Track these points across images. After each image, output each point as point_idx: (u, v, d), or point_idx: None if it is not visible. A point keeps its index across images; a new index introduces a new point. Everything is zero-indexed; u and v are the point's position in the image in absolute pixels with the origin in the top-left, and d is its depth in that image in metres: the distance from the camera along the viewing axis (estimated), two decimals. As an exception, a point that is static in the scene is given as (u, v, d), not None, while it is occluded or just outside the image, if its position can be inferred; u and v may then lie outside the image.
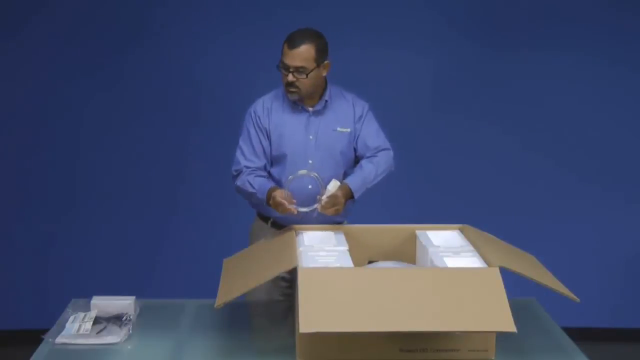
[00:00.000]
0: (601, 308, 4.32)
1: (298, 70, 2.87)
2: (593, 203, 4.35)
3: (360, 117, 3.05)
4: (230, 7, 4.18)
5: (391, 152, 3.09)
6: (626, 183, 4.37)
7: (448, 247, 2.61)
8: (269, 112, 3.00)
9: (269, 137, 2.99)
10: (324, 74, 2.96)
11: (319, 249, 2.57)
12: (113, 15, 4.15)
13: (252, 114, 3.01)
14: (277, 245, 2.68)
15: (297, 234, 2.75)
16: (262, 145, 2.99)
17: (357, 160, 3.09)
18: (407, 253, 2.78)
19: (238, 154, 3.00)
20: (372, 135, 3.06)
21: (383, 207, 3.91)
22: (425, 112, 4.29)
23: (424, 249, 2.62)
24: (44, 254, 4.29)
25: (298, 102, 2.98)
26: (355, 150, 3.07)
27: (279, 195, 2.79)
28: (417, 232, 2.77)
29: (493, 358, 2.34)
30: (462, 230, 2.79)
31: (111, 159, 4.27)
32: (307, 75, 2.87)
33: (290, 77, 2.88)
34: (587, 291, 2.83)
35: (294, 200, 2.80)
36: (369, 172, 2.99)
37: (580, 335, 2.70)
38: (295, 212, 2.77)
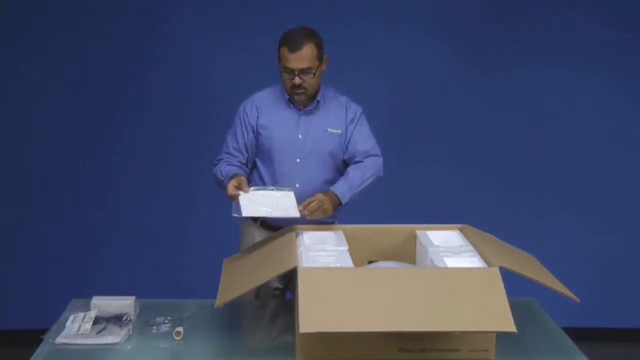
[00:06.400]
0: (601, 308, 4.32)
1: (304, 71, 2.87)
2: (593, 203, 4.36)
3: (353, 120, 3.04)
4: (230, 8, 4.19)
5: (380, 159, 3.06)
6: (626, 183, 4.37)
7: (448, 247, 2.61)
8: (258, 109, 3.02)
9: (255, 134, 3.01)
10: (324, 69, 2.97)
11: (319, 249, 2.57)
12: (119, 17, 4.16)
13: (241, 110, 3.06)
14: (277, 245, 2.68)
15: (297, 234, 2.75)
16: (245, 142, 3.02)
17: (345, 164, 3.07)
18: (407, 253, 2.78)
19: (224, 145, 3.08)
20: (363, 139, 3.04)
21: (382, 207, 3.90)
22: (425, 112, 4.29)
23: (424, 249, 2.62)
24: (44, 254, 4.30)
25: (298, 102, 2.98)
26: (344, 152, 3.04)
27: (231, 183, 2.81)
28: (417, 232, 2.77)
29: (493, 358, 2.34)
30: (462, 230, 2.78)
31: (111, 160, 4.27)
32: (314, 74, 2.89)
33: (297, 80, 2.88)
34: (586, 291, 2.83)
35: (245, 189, 2.79)
36: (354, 177, 2.97)
37: (580, 335, 2.70)
38: (237, 196, 2.76)
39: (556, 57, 4.26)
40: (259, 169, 3.05)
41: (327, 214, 2.85)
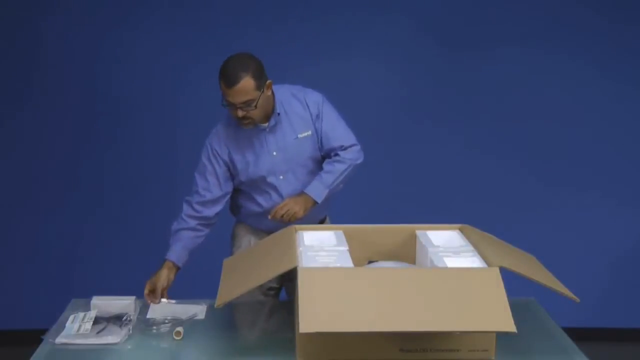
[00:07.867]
0: (601, 308, 4.32)
1: (245, 104, 2.76)
2: (593, 203, 4.35)
3: (318, 115, 2.96)
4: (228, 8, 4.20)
5: (356, 147, 3.01)
6: (626, 183, 4.36)
7: (448, 247, 2.60)
8: (225, 143, 2.93)
9: (230, 168, 2.95)
10: (269, 93, 2.85)
11: (319, 249, 2.57)
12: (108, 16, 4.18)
13: (209, 148, 2.94)
14: (277, 245, 2.68)
15: (297, 234, 2.75)
16: (218, 179, 2.94)
17: (324, 159, 3.03)
18: (407, 253, 2.78)
19: (193, 184, 2.98)
20: (334, 132, 2.98)
21: (382, 207, 3.90)
22: (425, 112, 4.28)
23: (424, 249, 2.62)
24: (44, 254, 4.30)
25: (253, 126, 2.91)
26: (320, 150, 3.00)
27: (157, 280, 2.85)
28: (417, 232, 2.77)
29: (493, 358, 2.34)
30: (462, 230, 2.78)
31: (110, 159, 4.27)
32: (255, 105, 2.77)
33: (240, 113, 2.78)
34: (586, 291, 2.83)
35: (163, 297, 2.82)
36: (328, 173, 2.95)
37: (580, 335, 2.70)
38: (148, 302, 2.80)
39: (556, 45, 4.24)
40: (250, 194, 3.01)
41: (298, 215, 2.87)
